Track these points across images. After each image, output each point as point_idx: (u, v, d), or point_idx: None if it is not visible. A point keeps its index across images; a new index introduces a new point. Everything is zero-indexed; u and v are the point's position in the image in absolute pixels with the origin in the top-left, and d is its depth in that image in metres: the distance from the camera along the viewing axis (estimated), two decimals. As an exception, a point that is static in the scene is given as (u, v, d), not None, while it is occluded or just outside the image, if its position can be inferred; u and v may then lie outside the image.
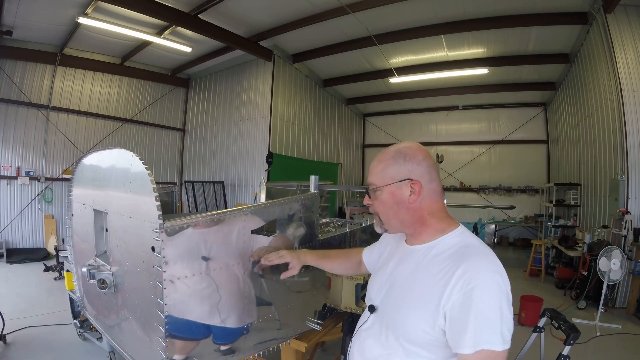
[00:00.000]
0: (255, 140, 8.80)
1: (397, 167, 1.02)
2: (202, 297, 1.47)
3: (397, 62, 8.80)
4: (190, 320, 1.44)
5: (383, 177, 1.04)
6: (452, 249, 0.97)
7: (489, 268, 0.89)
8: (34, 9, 6.37)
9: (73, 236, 2.20)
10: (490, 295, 0.85)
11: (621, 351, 3.81)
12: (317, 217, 1.95)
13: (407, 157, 1.02)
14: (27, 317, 4.12)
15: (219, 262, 1.49)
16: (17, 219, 7.68)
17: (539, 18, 6.43)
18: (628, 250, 4.93)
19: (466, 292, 0.86)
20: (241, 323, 1.59)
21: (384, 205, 1.05)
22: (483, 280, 0.87)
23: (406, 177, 1.01)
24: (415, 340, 0.96)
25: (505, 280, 0.89)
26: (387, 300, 1.07)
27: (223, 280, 1.52)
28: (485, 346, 0.83)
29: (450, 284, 0.89)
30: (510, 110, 11.32)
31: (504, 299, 0.86)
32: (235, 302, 1.57)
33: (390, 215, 1.06)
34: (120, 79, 9.32)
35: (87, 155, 1.91)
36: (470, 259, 0.91)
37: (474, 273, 0.88)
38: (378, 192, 1.05)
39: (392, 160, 1.03)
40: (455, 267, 0.90)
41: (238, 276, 1.57)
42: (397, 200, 1.03)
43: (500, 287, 0.87)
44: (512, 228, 11.12)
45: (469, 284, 0.86)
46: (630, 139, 5.28)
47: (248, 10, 6.82)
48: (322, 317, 2.02)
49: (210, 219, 1.47)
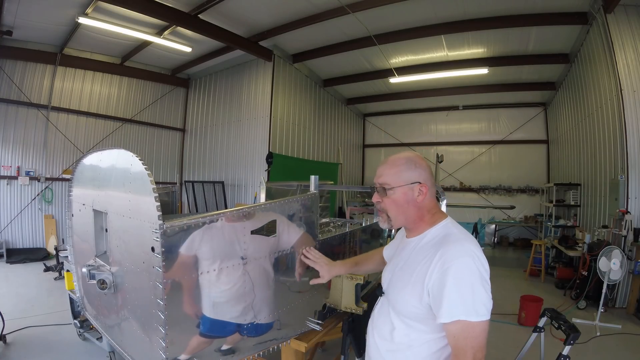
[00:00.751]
0: (255, 140, 8.80)
1: (410, 172, 1.22)
2: (202, 298, 1.47)
3: (397, 62, 8.80)
4: (191, 321, 1.44)
5: (397, 179, 1.22)
6: (436, 239, 1.19)
7: (461, 252, 1.08)
8: (34, 9, 6.37)
9: (73, 236, 2.20)
10: (461, 273, 1.04)
11: (621, 351, 3.81)
12: (317, 217, 1.95)
13: (416, 164, 1.24)
14: (27, 317, 4.13)
15: (219, 263, 1.49)
16: (17, 219, 7.68)
17: (539, 18, 6.43)
18: (628, 250, 4.93)
19: (442, 272, 1.06)
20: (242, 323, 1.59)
21: (396, 203, 1.24)
22: (455, 262, 1.06)
23: (416, 180, 1.22)
24: (409, 314, 1.18)
25: (477, 262, 1.06)
26: (390, 285, 1.30)
27: (223, 281, 1.52)
28: (460, 317, 1.02)
29: (431, 266, 1.10)
30: (510, 110, 11.33)
31: (475, 277, 1.04)
32: (235, 302, 1.56)
33: (399, 211, 1.25)
34: (120, 79, 9.32)
35: (87, 155, 1.91)
36: (447, 244, 1.12)
37: (448, 256, 1.08)
38: (391, 191, 1.23)
39: (406, 166, 1.23)
40: (435, 252, 1.12)
41: (238, 276, 1.57)
42: (408, 199, 1.23)
43: (471, 267, 1.05)
44: (512, 228, 11.12)
45: (444, 265, 1.07)
46: (630, 139, 5.28)
47: (248, 10, 6.82)
48: (322, 317, 2.02)
49: (210, 219, 1.47)
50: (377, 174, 1.29)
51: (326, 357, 3.41)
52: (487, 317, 1.03)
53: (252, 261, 1.61)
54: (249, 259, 1.59)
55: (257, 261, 1.63)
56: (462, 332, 1.03)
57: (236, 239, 1.56)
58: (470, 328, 1.01)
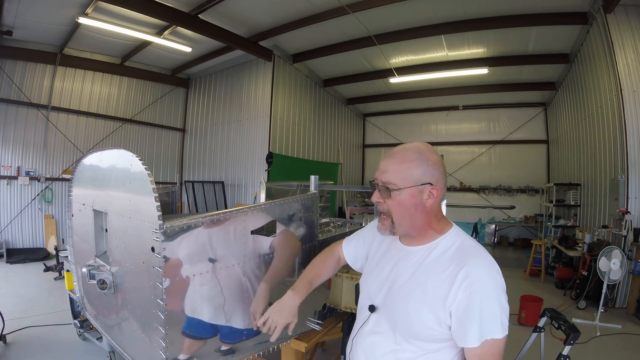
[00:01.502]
0: (255, 140, 8.80)
1: (421, 170, 1.02)
2: (203, 298, 1.47)
3: (397, 62, 8.79)
4: (191, 320, 1.44)
5: (406, 178, 1.02)
6: (451, 250, 1.04)
7: (487, 268, 0.98)
8: (34, 9, 6.37)
9: (73, 236, 2.20)
10: (491, 292, 0.95)
11: (621, 351, 3.81)
12: (317, 217, 1.95)
13: (429, 160, 1.03)
14: (27, 317, 4.12)
15: (219, 263, 1.49)
16: (17, 219, 7.68)
17: (539, 18, 6.43)
18: (628, 250, 4.93)
19: (471, 293, 0.94)
20: (242, 324, 1.59)
21: (402, 207, 1.04)
22: (484, 280, 0.96)
23: (428, 181, 1.02)
24: (422, 336, 1.02)
25: (501, 276, 0.98)
26: (390, 300, 1.09)
27: (223, 281, 1.52)
28: (488, 336, 0.93)
29: (455, 285, 0.96)
30: (510, 110, 11.32)
31: (501, 292, 0.96)
32: (235, 302, 1.56)
33: (405, 216, 1.05)
34: (120, 79, 9.32)
35: (87, 155, 1.91)
36: (470, 260, 0.99)
37: (476, 275, 0.96)
38: (396, 192, 1.03)
39: (417, 163, 1.02)
40: (458, 269, 0.98)
41: (238, 276, 1.57)
42: (416, 203, 1.04)
43: (498, 283, 0.96)
44: (512, 228, 11.12)
45: (472, 285, 0.95)
46: (630, 139, 5.28)
47: (248, 10, 6.81)
48: (322, 317, 2.02)
49: (210, 219, 1.47)
50: (381, 168, 1.07)
51: (326, 357, 3.41)
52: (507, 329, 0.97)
53: (253, 261, 1.61)
54: (249, 259, 1.59)
55: (257, 261, 1.63)
56: (488, 350, 0.95)
57: (237, 239, 1.56)
58: (497, 344, 0.95)
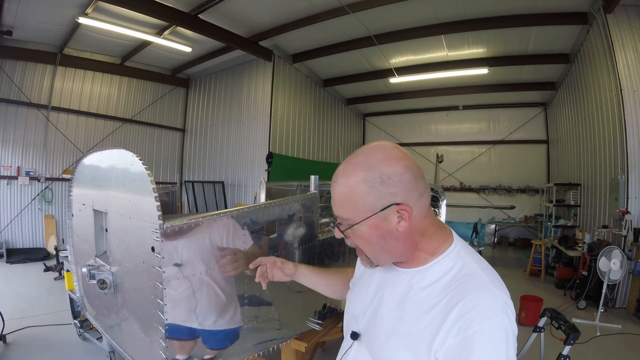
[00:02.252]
0: (255, 140, 8.80)
1: (374, 193, 0.77)
2: (203, 297, 1.47)
3: (397, 62, 8.79)
4: (191, 320, 1.44)
5: (356, 209, 0.79)
6: (447, 277, 0.79)
7: (493, 307, 0.72)
8: (34, 9, 6.37)
9: (73, 236, 2.19)
10: (494, 341, 0.70)
11: (621, 351, 3.81)
12: (317, 217, 1.95)
13: (383, 176, 0.76)
14: (27, 317, 4.13)
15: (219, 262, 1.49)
16: (17, 219, 7.68)
17: (539, 18, 6.43)
18: (628, 250, 4.93)
19: (465, 338, 0.70)
20: (242, 323, 1.59)
21: (367, 241, 0.83)
22: (486, 323, 0.70)
23: (390, 202, 0.77)
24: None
25: (512, 318, 0.73)
26: (372, 328, 0.89)
27: (223, 281, 1.52)
28: None
29: (445, 325, 0.72)
30: (510, 110, 11.32)
31: (510, 342, 0.71)
32: (236, 302, 1.57)
33: (377, 250, 0.84)
34: (120, 79, 9.32)
35: (87, 155, 1.91)
36: (470, 294, 0.73)
37: (475, 314, 0.70)
38: (356, 228, 0.81)
39: (366, 185, 0.77)
40: (453, 304, 0.73)
41: (238, 276, 1.57)
42: (383, 234, 0.80)
43: (507, 329, 0.71)
44: (512, 228, 11.12)
45: (468, 329, 0.70)
46: (630, 139, 5.28)
47: (248, 10, 6.82)
48: (322, 317, 2.02)
49: (210, 219, 1.47)
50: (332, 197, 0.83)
51: (326, 357, 3.41)
52: None
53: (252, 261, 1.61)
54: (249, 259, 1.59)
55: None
56: None
57: (237, 239, 1.56)
58: None
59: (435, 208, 2.67)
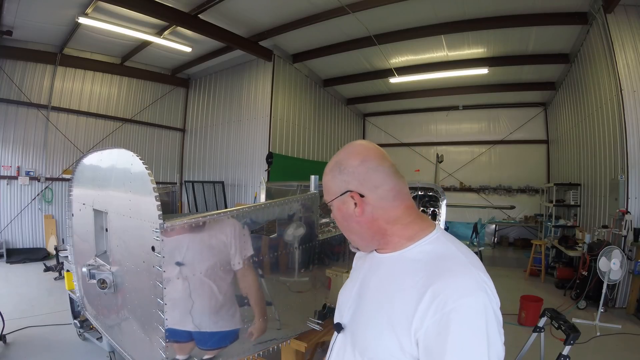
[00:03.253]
0: (255, 140, 8.80)
1: (336, 180, 0.90)
2: (203, 297, 1.47)
3: (397, 62, 8.79)
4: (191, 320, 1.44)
5: (328, 191, 0.93)
6: (424, 260, 0.81)
7: (469, 285, 0.73)
8: (34, 9, 6.37)
9: (73, 236, 2.20)
10: (472, 319, 0.70)
11: (621, 351, 3.81)
12: (317, 217, 1.95)
13: (342, 166, 0.89)
14: (27, 317, 4.12)
15: (219, 262, 1.49)
16: (17, 219, 7.68)
17: (539, 18, 6.43)
18: (628, 250, 4.93)
19: (442, 317, 0.70)
20: (242, 323, 1.59)
21: (338, 222, 0.95)
22: (463, 300, 0.70)
23: (345, 189, 0.88)
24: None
25: (492, 298, 0.73)
26: (355, 317, 0.91)
27: (223, 280, 1.52)
28: None
29: (421, 306, 0.73)
30: (510, 110, 11.32)
31: (490, 321, 0.71)
32: (236, 302, 1.57)
33: (345, 231, 0.95)
34: (120, 79, 9.32)
35: (87, 155, 1.91)
36: (445, 274, 0.75)
37: (450, 292, 0.71)
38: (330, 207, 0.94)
39: (331, 173, 0.91)
40: (429, 284, 0.74)
41: (238, 276, 1.57)
42: (345, 216, 0.91)
43: (485, 307, 0.71)
44: (512, 228, 11.12)
45: (444, 307, 0.70)
46: (630, 139, 5.28)
47: (248, 10, 6.81)
48: (322, 317, 2.02)
49: (210, 218, 1.47)
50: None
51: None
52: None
53: (253, 261, 1.61)
54: (249, 259, 1.59)
55: (257, 261, 1.63)
56: None
57: (237, 239, 1.56)
58: None
59: (435, 208, 2.67)
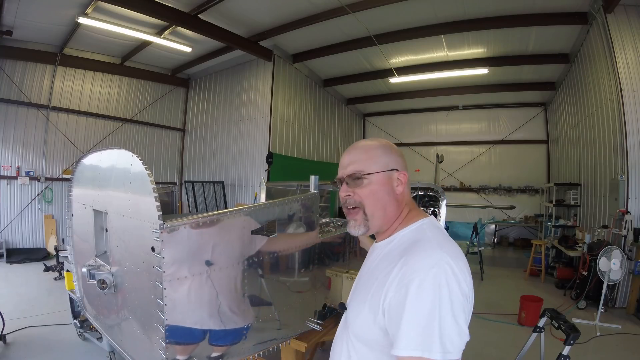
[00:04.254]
0: (255, 140, 8.80)
1: (387, 157, 0.99)
2: (203, 298, 1.47)
3: (397, 62, 8.79)
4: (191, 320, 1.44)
5: (374, 164, 0.98)
6: (404, 244, 0.92)
7: (429, 262, 0.79)
8: (34, 9, 6.37)
9: (73, 236, 2.20)
10: (426, 292, 0.76)
11: (621, 351, 3.81)
12: (317, 217, 1.95)
13: (392, 149, 1.02)
14: (27, 317, 4.12)
15: (219, 263, 1.49)
16: (17, 219, 7.68)
17: (539, 18, 6.43)
18: (628, 250, 4.93)
19: (401, 287, 0.79)
20: (242, 323, 1.59)
21: (374, 194, 0.97)
22: (419, 274, 0.78)
23: (394, 167, 0.99)
24: (364, 337, 0.92)
25: (450, 277, 0.77)
26: (351, 297, 1.05)
27: (223, 281, 1.52)
28: (417, 352, 0.74)
29: (389, 279, 0.84)
30: (510, 110, 11.33)
31: (444, 297, 0.75)
32: (236, 302, 1.57)
33: (378, 205, 0.98)
34: (120, 79, 9.32)
35: (87, 155, 1.91)
36: (412, 254, 0.84)
37: (411, 266, 0.80)
38: (366, 180, 0.97)
39: (382, 151, 1.00)
40: (397, 262, 0.85)
41: (238, 276, 1.57)
42: (388, 190, 0.98)
43: (440, 283, 0.76)
44: (512, 228, 11.12)
45: (404, 278, 0.80)
46: (630, 139, 5.28)
47: (248, 10, 6.82)
48: (322, 317, 2.02)
49: (210, 219, 1.47)
50: (344, 163, 1.02)
51: (326, 357, 3.40)
52: (456, 356, 0.74)
53: (253, 261, 1.61)
54: (249, 259, 1.59)
55: (257, 261, 1.63)
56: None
57: (237, 239, 1.56)
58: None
59: (435, 208, 2.67)
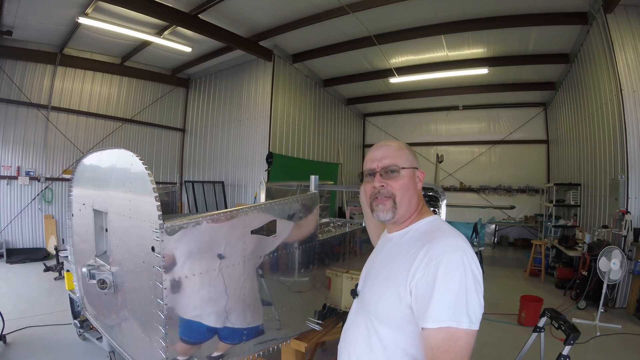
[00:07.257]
0: (255, 140, 8.80)
1: (412, 156, 1.16)
2: (203, 297, 1.47)
3: (397, 62, 8.79)
4: (191, 321, 1.44)
5: (405, 161, 1.13)
6: (422, 233, 1.07)
7: (452, 245, 0.95)
8: (34, 9, 6.37)
9: (73, 236, 2.20)
10: (453, 271, 0.90)
11: (621, 351, 3.81)
12: (317, 217, 1.95)
13: (412, 150, 1.19)
14: (27, 317, 4.12)
15: (220, 262, 1.49)
16: (17, 219, 7.68)
17: (539, 18, 6.43)
18: (628, 250, 4.93)
19: (430, 268, 0.92)
20: (242, 323, 1.59)
21: (404, 186, 1.12)
22: (447, 256, 0.92)
23: (417, 166, 1.16)
24: (386, 318, 1.02)
25: (470, 259, 0.93)
26: (366, 283, 1.16)
27: (223, 280, 1.52)
28: (447, 323, 0.86)
29: (415, 262, 0.96)
30: (510, 110, 11.33)
31: (469, 276, 0.90)
32: (236, 301, 1.56)
33: (406, 196, 1.12)
34: (120, 79, 9.32)
35: (87, 155, 1.91)
36: (435, 239, 0.99)
37: (437, 250, 0.94)
38: (398, 173, 1.12)
39: (407, 150, 1.17)
40: (423, 245, 0.98)
41: (238, 276, 1.57)
42: (413, 185, 1.14)
43: (465, 264, 0.91)
44: (512, 228, 11.12)
45: (432, 260, 0.93)
46: (630, 139, 5.28)
47: (248, 10, 6.82)
48: (322, 317, 2.02)
49: (210, 219, 1.47)
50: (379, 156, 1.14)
51: (326, 357, 3.41)
52: (477, 327, 0.87)
53: (253, 261, 1.61)
54: (249, 259, 1.59)
55: (257, 261, 1.63)
56: (444, 342, 0.86)
57: (237, 239, 1.56)
58: (456, 338, 0.85)
59: (435, 208, 2.67)
